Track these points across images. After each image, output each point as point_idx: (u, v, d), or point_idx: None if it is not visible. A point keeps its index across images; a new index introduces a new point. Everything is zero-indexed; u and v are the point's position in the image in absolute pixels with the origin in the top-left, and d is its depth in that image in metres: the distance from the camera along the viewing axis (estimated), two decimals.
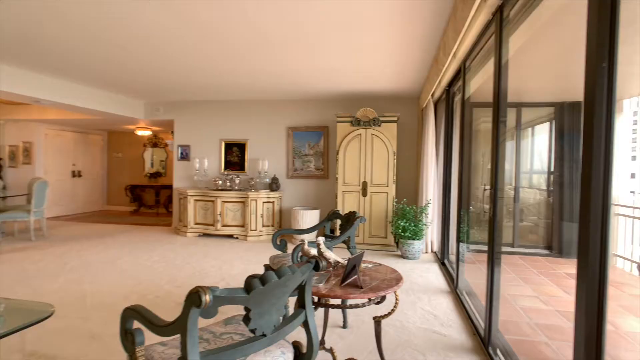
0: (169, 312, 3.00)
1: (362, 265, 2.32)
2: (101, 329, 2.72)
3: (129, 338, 1.42)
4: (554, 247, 5.27)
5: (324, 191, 6.63)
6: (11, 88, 4.89)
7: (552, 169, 5.49)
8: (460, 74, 3.47)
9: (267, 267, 3.02)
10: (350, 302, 2.20)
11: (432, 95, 4.83)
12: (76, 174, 9.24)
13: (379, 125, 5.55)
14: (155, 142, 9.97)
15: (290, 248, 5.08)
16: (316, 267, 1.43)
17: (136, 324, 1.43)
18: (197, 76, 5.26)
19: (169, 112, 7.28)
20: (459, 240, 3.75)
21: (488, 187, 2.69)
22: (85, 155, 9.56)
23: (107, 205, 10.29)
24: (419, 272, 4.40)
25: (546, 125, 5.63)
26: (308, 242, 2.20)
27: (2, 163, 8.15)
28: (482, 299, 2.80)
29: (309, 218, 5.99)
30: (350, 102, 6.46)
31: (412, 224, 4.95)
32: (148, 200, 9.79)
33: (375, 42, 3.63)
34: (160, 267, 4.42)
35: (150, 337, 1.48)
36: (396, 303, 2.22)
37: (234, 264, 4.65)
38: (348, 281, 1.96)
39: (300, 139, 6.75)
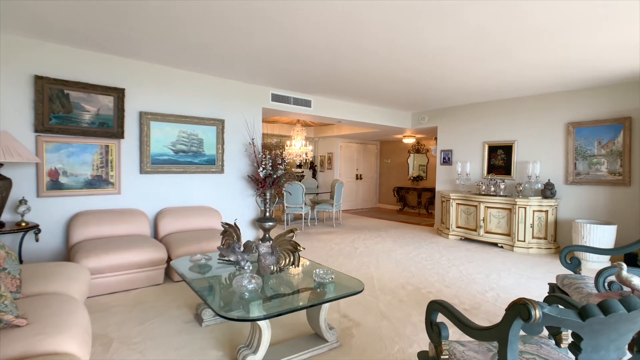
0: None
1: None
2: (388, 309, 3.23)
3: (434, 330, 1.54)
4: None
5: (623, 202, 5.16)
6: (324, 113, 6.67)
7: None
8: None
9: (553, 287, 2.74)
10: None
11: None
12: (358, 177, 11.48)
13: None
14: (417, 148, 10.86)
15: (585, 270, 4.28)
16: None
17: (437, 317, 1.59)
18: (462, 82, 5.36)
19: (433, 119, 7.73)
20: None
21: None
22: (364, 162, 11.70)
23: (378, 204, 12.15)
24: None
25: None
26: (628, 268, 1.82)
27: (316, 168, 11.33)
28: None
29: (600, 235, 4.83)
30: None
31: None
32: (411, 201, 10.80)
33: None
34: (427, 264, 4.82)
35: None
36: None
37: (502, 274, 4.42)
38: None
39: (585, 136, 5.54)
